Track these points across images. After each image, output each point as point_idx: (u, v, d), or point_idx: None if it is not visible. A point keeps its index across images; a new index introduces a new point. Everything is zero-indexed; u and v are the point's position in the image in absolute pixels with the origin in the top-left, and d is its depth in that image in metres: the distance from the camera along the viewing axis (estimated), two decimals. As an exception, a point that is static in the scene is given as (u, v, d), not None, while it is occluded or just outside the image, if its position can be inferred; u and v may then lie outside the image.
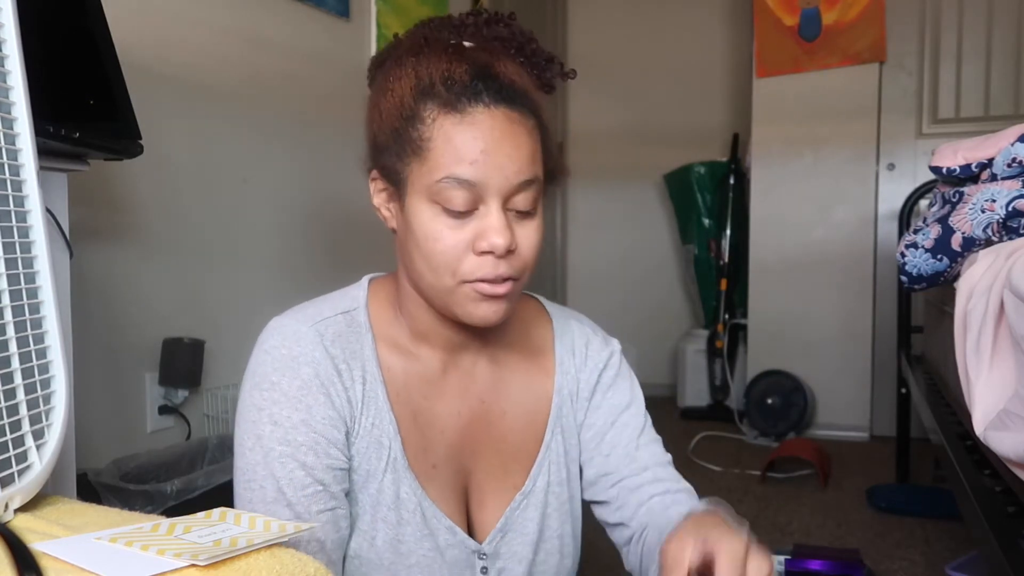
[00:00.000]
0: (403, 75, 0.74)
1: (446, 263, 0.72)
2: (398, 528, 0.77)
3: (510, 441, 0.84)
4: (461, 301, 0.73)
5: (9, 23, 0.67)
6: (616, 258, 4.15)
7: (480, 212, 0.71)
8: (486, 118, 0.70)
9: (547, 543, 0.85)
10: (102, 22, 1.21)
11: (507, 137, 0.71)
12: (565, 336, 0.90)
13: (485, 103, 0.70)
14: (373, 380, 0.78)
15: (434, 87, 0.71)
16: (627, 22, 4.02)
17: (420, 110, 0.71)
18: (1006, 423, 0.92)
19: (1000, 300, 0.99)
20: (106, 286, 1.75)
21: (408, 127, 0.72)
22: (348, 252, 2.47)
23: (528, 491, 0.84)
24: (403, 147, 0.72)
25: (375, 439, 0.78)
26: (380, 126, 0.76)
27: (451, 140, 0.70)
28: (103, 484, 1.48)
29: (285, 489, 0.73)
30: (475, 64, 0.72)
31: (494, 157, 0.70)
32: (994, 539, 0.94)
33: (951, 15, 3.11)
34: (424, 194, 0.71)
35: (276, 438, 0.74)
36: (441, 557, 0.79)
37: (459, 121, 0.70)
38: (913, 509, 2.29)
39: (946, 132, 3.06)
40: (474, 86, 0.70)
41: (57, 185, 1.16)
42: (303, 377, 0.75)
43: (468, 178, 0.69)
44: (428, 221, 0.71)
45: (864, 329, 3.21)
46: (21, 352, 0.65)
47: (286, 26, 2.27)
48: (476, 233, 0.71)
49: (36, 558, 0.45)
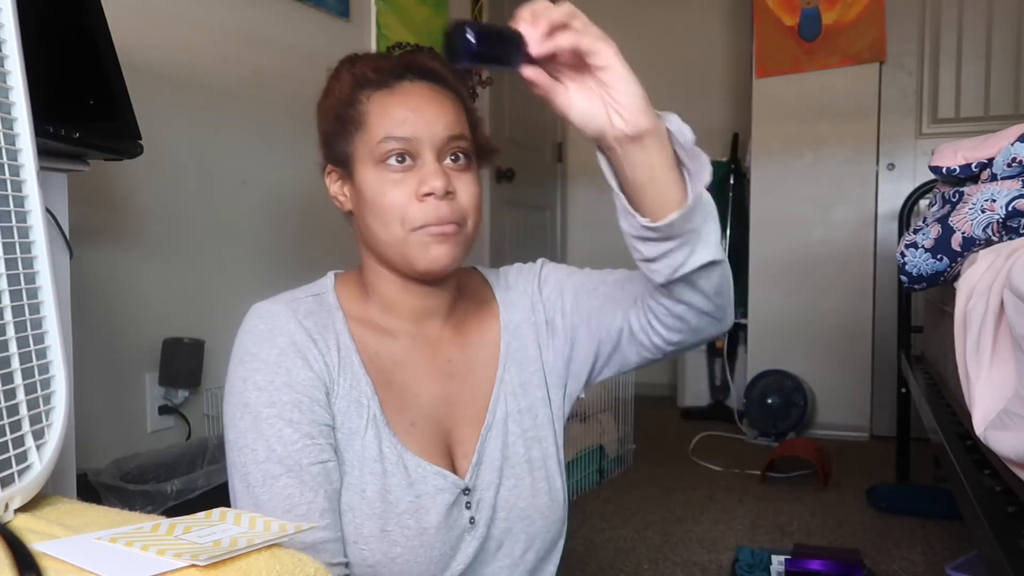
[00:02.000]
0: (340, 77, 0.87)
1: (395, 214, 0.81)
2: (384, 479, 0.82)
3: (476, 388, 0.92)
4: (414, 249, 0.82)
5: (9, 23, 0.67)
6: (616, 258, 4.07)
7: (418, 164, 0.81)
8: (412, 88, 0.83)
9: (513, 468, 0.90)
10: (102, 22, 1.21)
11: (432, 102, 0.83)
12: (498, 281, 0.99)
13: (410, 79, 0.84)
14: (347, 349, 0.85)
15: (367, 76, 0.84)
16: (627, 22, 4.02)
17: (357, 95, 0.84)
18: (1006, 423, 0.92)
19: (1000, 300, 0.99)
20: (106, 286, 1.75)
21: (348, 110, 0.84)
22: (347, 252, 2.46)
23: (490, 423, 0.90)
24: (346, 127, 0.84)
25: (354, 399, 0.83)
26: (326, 121, 0.88)
27: (385, 109, 0.82)
28: (103, 484, 1.48)
29: (275, 447, 0.78)
30: (401, 58, 0.86)
31: (423, 115, 0.82)
32: (994, 539, 0.94)
33: (951, 15, 3.12)
34: (369, 160, 0.82)
35: (262, 402, 0.79)
36: (431, 501, 0.83)
37: (390, 93, 0.83)
38: (913, 509, 2.29)
39: (946, 132, 3.06)
40: (401, 71, 0.84)
41: (57, 185, 1.16)
42: (280, 345, 0.81)
43: (403, 135, 0.81)
44: (375, 182, 0.82)
45: (864, 329, 3.21)
46: (21, 352, 0.65)
47: (286, 26, 2.27)
48: (417, 182, 0.81)
49: (36, 558, 0.45)
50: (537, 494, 0.90)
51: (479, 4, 3.41)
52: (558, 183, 4.21)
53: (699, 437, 3.15)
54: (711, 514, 2.32)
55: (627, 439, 2.81)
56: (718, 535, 2.14)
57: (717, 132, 3.83)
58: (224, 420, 0.82)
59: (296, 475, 0.77)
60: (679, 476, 2.69)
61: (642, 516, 2.29)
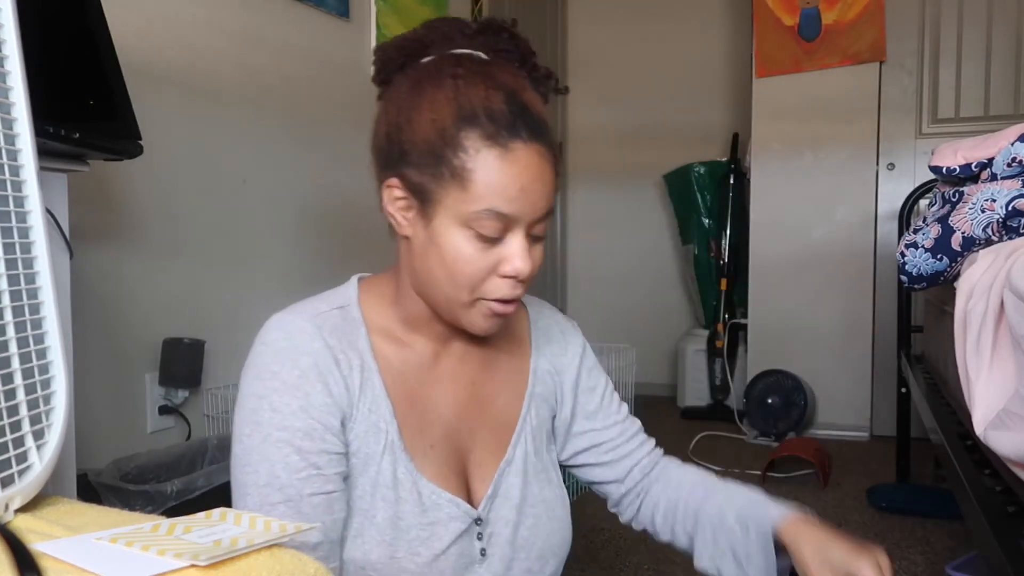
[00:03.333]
0: (442, 96, 0.76)
1: (469, 282, 0.78)
2: (396, 506, 0.81)
3: (499, 417, 0.91)
4: (472, 315, 0.80)
5: (9, 23, 0.66)
6: (616, 258, 4.15)
7: (506, 240, 0.77)
8: (524, 155, 0.76)
9: (532, 508, 0.90)
10: (102, 22, 1.21)
11: (540, 175, 0.77)
12: (540, 321, 0.99)
13: (524, 139, 0.76)
14: (369, 369, 0.83)
15: (477, 117, 0.75)
16: (627, 22, 4.02)
17: (462, 138, 0.75)
18: (1006, 423, 0.92)
19: (1000, 300, 0.99)
20: (106, 286, 1.75)
21: (448, 152, 0.75)
22: (347, 252, 2.46)
23: (510, 459, 0.90)
24: (440, 170, 0.76)
25: (372, 424, 0.82)
26: (411, 141, 0.78)
27: (494, 175, 0.75)
28: (103, 484, 1.48)
29: (280, 473, 0.76)
30: (508, 93, 0.77)
31: (529, 194, 0.76)
32: (994, 539, 0.94)
33: (951, 15, 3.11)
34: (459, 218, 0.76)
35: (274, 424, 0.77)
36: (443, 529, 0.82)
37: (501, 156, 0.75)
38: (913, 509, 2.29)
39: (946, 132, 3.06)
40: (513, 121, 0.75)
41: (57, 185, 1.16)
42: (302, 367, 0.79)
43: (506, 212, 0.75)
44: (460, 243, 0.77)
45: (864, 329, 3.21)
46: (21, 352, 0.65)
47: (286, 26, 2.27)
48: (501, 258, 0.77)
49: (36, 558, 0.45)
50: (552, 533, 0.91)
51: (479, 4, 3.41)
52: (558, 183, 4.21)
53: (699, 437, 3.15)
54: (711, 514, 2.31)
55: (627, 439, 2.81)
56: (718, 535, 2.14)
57: (717, 132, 3.84)
58: (233, 429, 0.81)
59: (295, 505, 0.76)
60: (679, 476, 2.69)
61: (642, 516, 2.28)
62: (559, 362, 0.98)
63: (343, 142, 2.46)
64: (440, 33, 0.82)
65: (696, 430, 3.24)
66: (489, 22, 0.83)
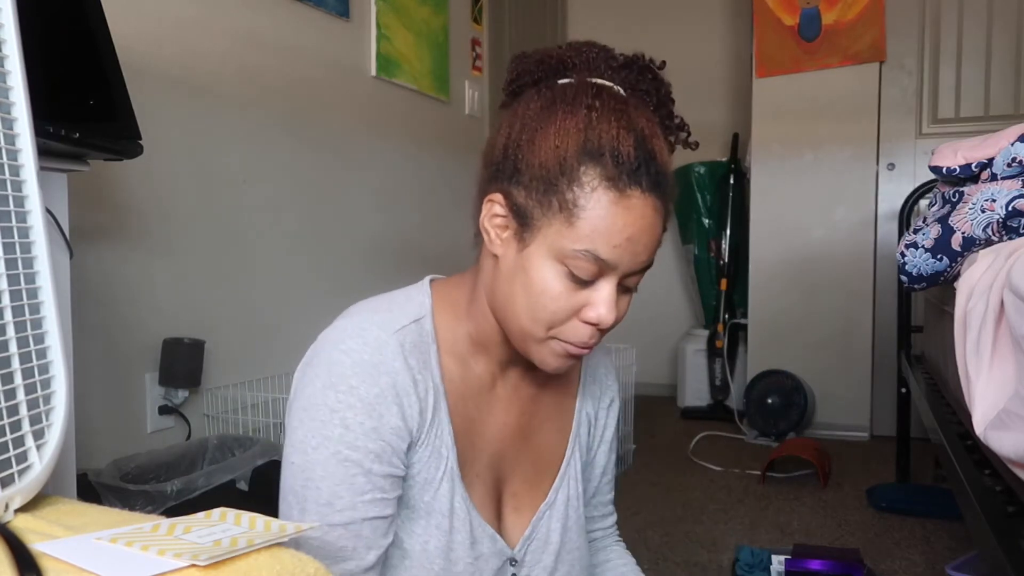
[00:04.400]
0: (572, 125, 0.73)
1: (550, 320, 0.75)
2: (450, 536, 0.80)
3: (542, 453, 0.89)
4: (544, 351, 0.77)
5: (9, 23, 0.66)
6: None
7: (597, 284, 0.74)
8: (639, 205, 0.72)
9: (569, 554, 0.89)
10: (102, 22, 1.21)
11: (649, 228, 0.74)
12: (591, 361, 0.96)
13: (643, 189, 0.72)
14: (439, 392, 0.80)
15: (602, 155, 0.71)
16: (627, 22, 4.02)
17: (581, 173, 0.71)
18: (1006, 423, 0.92)
19: (1000, 300, 0.99)
20: (106, 286, 1.75)
21: (564, 183, 0.72)
22: (347, 252, 2.47)
23: (551, 502, 0.88)
24: (550, 199, 0.72)
25: (435, 448, 0.80)
26: (527, 160, 0.74)
27: (604, 218, 0.71)
28: (103, 484, 1.48)
29: (343, 494, 0.74)
30: (639, 138, 0.73)
31: (634, 245, 0.73)
32: (994, 539, 0.94)
33: (951, 15, 3.12)
34: (555, 252, 0.73)
35: (345, 442, 0.75)
36: (486, 564, 0.82)
37: (616, 201, 0.71)
38: (913, 509, 2.29)
39: (946, 132, 3.06)
40: (637, 169, 0.72)
41: (57, 185, 1.16)
42: (381, 385, 0.76)
43: (605, 258, 0.72)
44: (550, 278, 0.73)
45: (864, 329, 3.22)
46: (21, 352, 0.65)
47: (286, 26, 2.27)
48: (587, 302, 0.74)
49: (36, 558, 0.45)
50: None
51: (479, 4, 3.41)
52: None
53: (699, 437, 3.15)
54: (711, 514, 2.32)
55: (627, 439, 2.81)
56: (718, 535, 2.14)
57: (717, 132, 3.83)
58: (290, 435, 0.77)
59: (355, 529, 0.75)
60: (679, 476, 2.69)
61: (642, 516, 2.29)
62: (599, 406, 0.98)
63: (343, 142, 2.46)
64: (585, 58, 0.79)
65: (696, 430, 3.24)
66: (636, 58, 0.80)
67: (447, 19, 3.09)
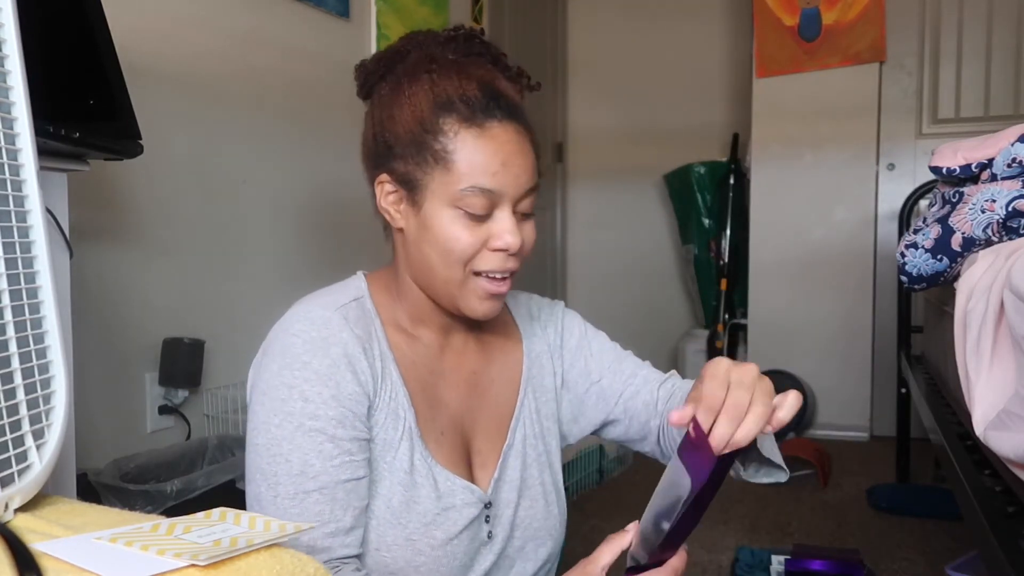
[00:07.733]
0: (419, 90, 0.82)
1: (461, 258, 0.81)
2: (412, 491, 0.84)
3: (498, 404, 0.95)
4: (468, 296, 0.83)
5: (9, 23, 0.67)
6: (616, 258, 4.14)
7: (494, 216, 0.81)
8: (501, 132, 0.80)
9: (530, 490, 0.93)
10: (102, 21, 1.21)
11: (519, 150, 0.81)
12: (518, 307, 1.02)
13: (499, 119, 0.80)
14: (387, 358, 0.86)
15: (452, 104, 0.80)
16: (627, 22, 4.02)
17: (440, 123, 0.80)
18: (1006, 423, 0.92)
19: (1000, 300, 0.99)
20: (106, 286, 1.75)
21: (428, 138, 0.80)
22: (347, 251, 2.46)
23: (510, 444, 0.93)
24: (423, 156, 0.81)
25: (392, 411, 0.84)
26: (394, 134, 0.83)
27: (474, 153, 0.79)
28: (103, 484, 1.48)
29: (313, 461, 0.78)
30: (481, 82, 0.82)
31: (511, 168, 0.80)
32: (994, 539, 0.94)
33: (951, 15, 3.12)
34: (446, 200, 0.80)
35: (307, 413, 0.78)
36: (458, 514, 0.85)
37: (479, 135, 0.80)
38: (913, 509, 2.29)
39: (946, 132, 3.06)
40: (487, 103, 0.80)
41: (57, 185, 1.16)
42: (332, 356, 0.80)
43: (490, 187, 0.80)
44: (449, 224, 0.81)
45: (864, 329, 3.22)
46: (21, 352, 0.65)
47: (286, 26, 2.27)
48: (490, 234, 0.81)
49: (36, 558, 0.45)
50: (549, 516, 0.95)
51: (479, 4, 3.41)
52: (558, 183, 4.21)
53: (699, 437, 3.15)
54: (711, 514, 2.32)
55: (627, 439, 2.81)
56: (718, 535, 2.14)
57: (717, 132, 3.84)
58: (252, 420, 0.81)
59: (329, 492, 0.78)
60: (679, 476, 2.69)
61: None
62: (543, 339, 1.00)
63: (343, 142, 2.45)
64: (415, 42, 0.87)
65: (696, 430, 3.23)
66: (459, 28, 0.88)
67: (447, 19, 3.09)
